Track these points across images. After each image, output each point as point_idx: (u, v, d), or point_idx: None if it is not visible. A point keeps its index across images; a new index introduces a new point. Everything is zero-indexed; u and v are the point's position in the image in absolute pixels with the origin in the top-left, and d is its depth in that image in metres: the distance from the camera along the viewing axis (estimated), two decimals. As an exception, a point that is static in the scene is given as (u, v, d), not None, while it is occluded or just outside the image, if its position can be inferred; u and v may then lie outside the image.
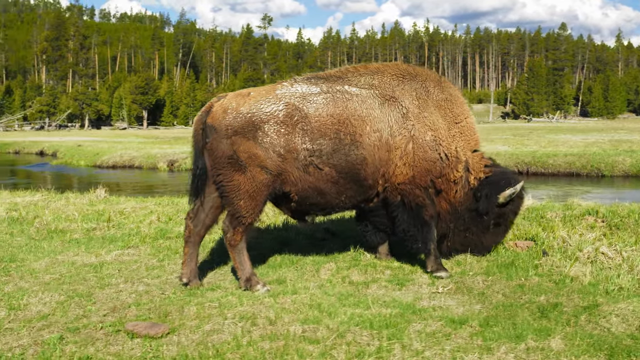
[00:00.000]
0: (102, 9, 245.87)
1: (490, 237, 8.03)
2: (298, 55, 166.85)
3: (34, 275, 7.75)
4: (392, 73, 7.65)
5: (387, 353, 5.09)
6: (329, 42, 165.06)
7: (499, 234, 8.08)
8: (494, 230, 7.96)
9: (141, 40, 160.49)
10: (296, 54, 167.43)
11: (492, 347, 5.19)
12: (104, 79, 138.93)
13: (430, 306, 6.37)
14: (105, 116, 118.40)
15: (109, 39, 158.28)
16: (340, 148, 7.07)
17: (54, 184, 23.01)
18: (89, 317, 6.21)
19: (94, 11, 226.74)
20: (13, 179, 31.15)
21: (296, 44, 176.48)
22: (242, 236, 7.11)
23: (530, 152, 29.39)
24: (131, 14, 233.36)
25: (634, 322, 5.77)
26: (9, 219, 11.38)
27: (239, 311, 6.15)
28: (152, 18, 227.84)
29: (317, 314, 6.05)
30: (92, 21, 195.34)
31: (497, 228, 7.98)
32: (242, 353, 5.20)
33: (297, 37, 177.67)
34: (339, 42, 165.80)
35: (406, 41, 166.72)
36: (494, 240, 8.13)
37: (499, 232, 8.06)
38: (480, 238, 7.98)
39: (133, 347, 5.40)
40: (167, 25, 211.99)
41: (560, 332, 5.53)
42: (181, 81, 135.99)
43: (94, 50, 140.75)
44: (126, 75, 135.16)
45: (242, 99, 7.11)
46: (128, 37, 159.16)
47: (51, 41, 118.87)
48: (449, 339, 5.36)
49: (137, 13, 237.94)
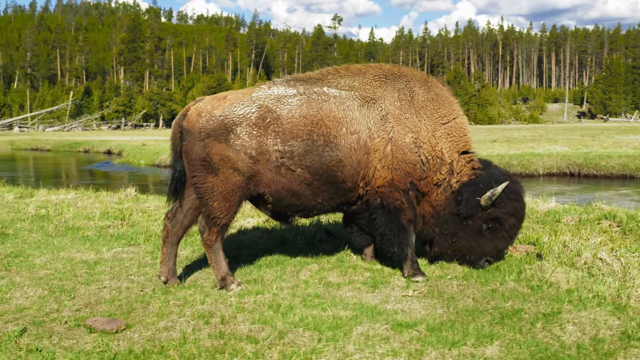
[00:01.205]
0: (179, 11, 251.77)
1: (488, 243, 7.65)
2: (370, 55, 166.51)
3: (31, 270, 8.09)
4: (373, 74, 7.61)
5: (317, 354, 5.12)
6: (400, 42, 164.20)
7: (498, 239, 7.65)
8: (491, 235, 7.61)
9: (216, 41, 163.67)
10: (368, 54, 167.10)
11: (425, 352, 5.15)
12: (179, 80, 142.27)
13: (392, 309, 6.35)
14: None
15: (184, 40, 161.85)
16: (313, 149, 7.10)
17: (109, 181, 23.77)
18: (61, 311, 6.45)
19: (172, 13, 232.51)
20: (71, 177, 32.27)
21: (368, 43, 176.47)
22: (218, 236, 7.24)
23: (583, 154, 28.53)
24: (207, 16, 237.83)
25: (591, 331, 5.63)
26: (34, 217, 11.86)
27: (197, 309, 6.29)
28: (228, 19, 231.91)
29: (272, 314, 6.13)
30: (170, 23, 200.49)
31: (495, 233, 7.61)
32: (183, 350, 5.32)
33: (369, 36, 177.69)
34: (410, 41, 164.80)
35: (479, 40, 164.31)
36: (495, 246, 7.70)
37: (498, 237, 7.64)
38: (472, 243, 7.66)
39: (87, 342, 5.58)
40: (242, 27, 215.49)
41: (505, 338, 5.43)
42: (252, 82, 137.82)
43: (171, 51, 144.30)
44: (200, 76, 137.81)
45: (218, 102, 7.24)
46: (203, 39, 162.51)
47: (127, 43, 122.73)
48: (386, 343, 5.35)
49: (213, 15, 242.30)
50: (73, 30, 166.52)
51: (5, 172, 34.39)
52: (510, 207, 7.54)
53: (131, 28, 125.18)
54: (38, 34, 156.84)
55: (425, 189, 7.53)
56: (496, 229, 7.59)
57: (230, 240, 9.59)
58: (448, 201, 7.61)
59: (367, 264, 8.07)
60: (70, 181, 27.08)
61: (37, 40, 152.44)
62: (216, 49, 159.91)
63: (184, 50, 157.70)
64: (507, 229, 7.63)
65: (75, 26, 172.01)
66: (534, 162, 27.80)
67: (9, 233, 10.42)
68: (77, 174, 35.58)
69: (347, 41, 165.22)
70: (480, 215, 7.54)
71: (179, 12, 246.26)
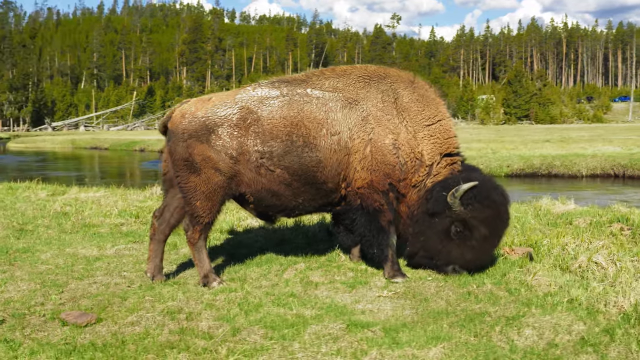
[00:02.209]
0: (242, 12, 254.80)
1: (456, 249, 7.33)
2: (430, 54, 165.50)
3: (33, 265, 8.42)
4: (358, 75, 7.63)
5: (262, 352, 5.23)
6: (461, 40, 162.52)
7: (467, 248, 7.30)
8: (459, 242, 7.30)
9: (276, 41, 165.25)
10: (428, 53, 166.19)
11: (368, 352, 5.20)
12: (239, 80, 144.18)
13: (360, 309, 6.40)
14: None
15: (245, 40, 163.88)
16: (292, 150, 7.19)
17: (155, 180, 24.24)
18: (44, 304, 6.72)
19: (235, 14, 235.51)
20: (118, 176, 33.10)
21: (428, 42, 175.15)
22: (201, 235, 7.40)
23: (628, 155, 27.73)
24: (269, 16, 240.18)
25: (549, 336, 5.56)
26: (57, 213, 12.26)
27: (168, 305, 6.46)
28: (289, 19, 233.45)
29: (237, 311, 6.26)
30: (232, 24, 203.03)
31: (464, 240, 7.28)
32: (141, 344, 5.49)
33: (429, 35, 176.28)
34: (472, 39, 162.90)
35: (543, 38, 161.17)
36: (462, 255, 7.34)
37: (467, 246, 7.29)
38: (438, 246, 7.38)
39: (56, 334, 5.81)
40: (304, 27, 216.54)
41: (456, 341, 5.43)
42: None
43: (232, 52, 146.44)
44: (260, 76, 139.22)
45: (202, 103, 7.41)
46: (264, 39, 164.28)
47: (189, 44, 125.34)
48: (334, 342, 5.41)
49: (274, 15, 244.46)
50: (138, 31, 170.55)
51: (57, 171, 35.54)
52: (480, 213, 7.19)
53: (192, 29, 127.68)
54: (105, 35, 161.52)
55: (405, 190, 7.50)
56: (465, 235, 7.28)
57: (231, 239, 9.79)
58: (421, 200, 7.51)
59: (353, 264, 8.12)
60: (117, 179, 27.78)
61: (104, 42, 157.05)
62: (277, 49, 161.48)
63: (245, 51, 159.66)
64: (476, 238, 7.27)
65: (140, 27, 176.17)
66: (577, 163, 27.23)
67: (28, 229, 10.84)
68: (126, 172, 36.50)
69: (407, 40, 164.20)
70: (448, 214, 7.26)
71: (242, 12, 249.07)
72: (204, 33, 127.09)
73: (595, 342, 5.39)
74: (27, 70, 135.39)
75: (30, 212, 12.43)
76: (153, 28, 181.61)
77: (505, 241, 8.89)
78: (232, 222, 10.90)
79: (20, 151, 65.56)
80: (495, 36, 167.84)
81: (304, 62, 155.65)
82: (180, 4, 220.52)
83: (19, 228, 10.88)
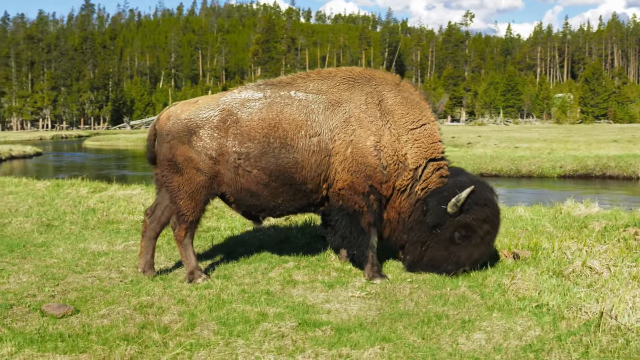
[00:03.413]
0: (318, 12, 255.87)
1: (463, 251, 7.48)
2: (506, 52, 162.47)
3: (42, 259, 8.87)
4: (342, 77, 7.74)
5: (206, 347, 5.42)
6: (538, 37, 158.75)
7: (474, 247, 7.47)
8: (465, 244, 7.45)
9: (350, 40, 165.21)
10: (504, 51, 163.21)
11: (305, 350, 5.33)
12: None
13: (327, 309, 6.51)
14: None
15: (319, 40, 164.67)
16: (268, 151, 7.35)
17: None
18: (35, 296, 7.11)
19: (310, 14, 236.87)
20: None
21: (505, 39, 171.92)
22: (186, 232, 7.67)
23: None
24: (345, 15, 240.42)
25: (498, 340, 5.57)
26: (88, 210, 12.79)
27: (142, 300, 6.74)
28: (365, 18, 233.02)
29: (204, 307, 6.47)
30: (307, 23, 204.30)
31: (469, 241, 7.45)
32: (103, 336, 5.74)
33: (505, 32, 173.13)
34: (549, 36, 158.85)
35: (624, 34, 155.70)
36: (471, 255, 7.51)
37: (473, 245, 7.46)
38: (444, 253, 7.53)
39: (33, 324, 6.13)
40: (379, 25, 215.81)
41: (399, 342, 5.49)
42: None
43: (305, 51, 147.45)
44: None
45: (187, 106, 7.68)
46: (337, 38, 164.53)
47: (262, 44, 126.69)
48: (279, 340, 5.55)
49: (350, 14, 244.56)
50: (215, 31, 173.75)
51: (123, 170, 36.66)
52: (480, 214, 7.41)
53: (266, 29, 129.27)
54: (183, 36, 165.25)
55: (387, 193, 7.56)
56: (469, 236, 7.44)
57: (234, 237, 10.04)
58: (414, 208, 7.59)
59: (341, 264, 8.23)
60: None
61: (181, 42, 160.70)
62: (350, 48, 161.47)
63: (319, 50, 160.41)
64: (481, 235, 7.46)
65: (217, 28, 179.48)
66: (633, 165, 26.38)
67: (54, 224, 11.41)
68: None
69: (482, 38, 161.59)
70: (450, 223, 7.43)
71: (317, 12, 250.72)
72: (277, 33, 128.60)
73: (539, 348, 5.37)
74: (107, 71, 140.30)
75: (64, 208, 13.02)
76: (230, 28, 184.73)
77: (507, 244, 8.86)
78: (245, 222, 11.09)
79: (96, 149, 67.97)
80: (574, 33, 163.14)
81: (378, 61, 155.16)
82: (257, 4, 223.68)
83: (47, 223, 11.44)
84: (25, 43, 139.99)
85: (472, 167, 28.84)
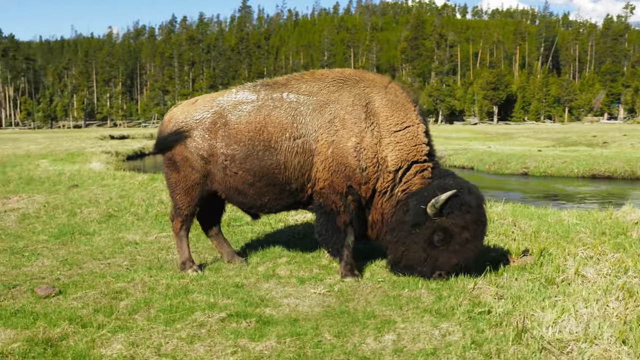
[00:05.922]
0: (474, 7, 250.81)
1: (441, 255, 7.41)
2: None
3: (78, 246, 9.75)
4: (333, 79, 7.89)
5: (128, 330, 5.87)
6: None
7: (451, 253, 7.37)
8: (443, 248, 7.37)
9: (504, 35, 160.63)
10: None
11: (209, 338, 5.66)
12: (464, 75, 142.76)
13: (279, 303, 6.79)
14: (459, 111, 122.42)
15: (471, 36, 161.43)
16: (252, 154, 7.68)
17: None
18: (44, 278, 7.92)
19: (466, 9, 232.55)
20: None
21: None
22: (182, 225, 8.20)
23: None
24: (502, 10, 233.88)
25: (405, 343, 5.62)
26: (157, 202, 13.63)
27: (117, 286, 7.32)
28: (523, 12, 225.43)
29: (162, 296, 6.92)
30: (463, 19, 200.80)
31: (447, 246, 7.35)
32: (60, 315, 6.34)
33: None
34: None
35: None
36: (448, 260, 7.41)
37: (450, 251, 7.36)
38: (422, 254, 7.46)
39: (20, 303, 6.87)
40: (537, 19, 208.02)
41: (307, 337, 5.69)
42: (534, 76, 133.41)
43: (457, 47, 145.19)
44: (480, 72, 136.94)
45: (187, 107, 8.18)
46: (491, 34, 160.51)
47: (410, 41, 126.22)
48: (197, 329, 5.92)
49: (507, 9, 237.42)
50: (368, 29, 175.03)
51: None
52: (460, 219, 7.28)
53: (414, 26, 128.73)
54: (336, 34, 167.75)
55: (366, 194, 7.65)
56: (448, 241, 7.36)
57: (254, 231, 10.44)
58: (395, 209, 7.62)
59: (329, 261, 8.40)
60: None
61: (334, 41, 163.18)
62: (504, 44, 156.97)
63: (471, 46, 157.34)
64: (459, 242, 7.34)
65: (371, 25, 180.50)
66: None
67: (116, 215, 12.49)
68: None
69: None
70: (429, 225, 7.38)
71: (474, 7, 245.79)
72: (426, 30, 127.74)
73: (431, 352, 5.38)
74: (261, 69, 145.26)
75: (138, 201, 13.91)
76: (383, 26, 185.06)
77: (513, 248, 8.64)
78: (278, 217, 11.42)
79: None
80: None
81: (533, 56, 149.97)
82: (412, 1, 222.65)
83: (110, 214, 12.46)
84: (187, 44, 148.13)
85: (584, 167, 27.66)
